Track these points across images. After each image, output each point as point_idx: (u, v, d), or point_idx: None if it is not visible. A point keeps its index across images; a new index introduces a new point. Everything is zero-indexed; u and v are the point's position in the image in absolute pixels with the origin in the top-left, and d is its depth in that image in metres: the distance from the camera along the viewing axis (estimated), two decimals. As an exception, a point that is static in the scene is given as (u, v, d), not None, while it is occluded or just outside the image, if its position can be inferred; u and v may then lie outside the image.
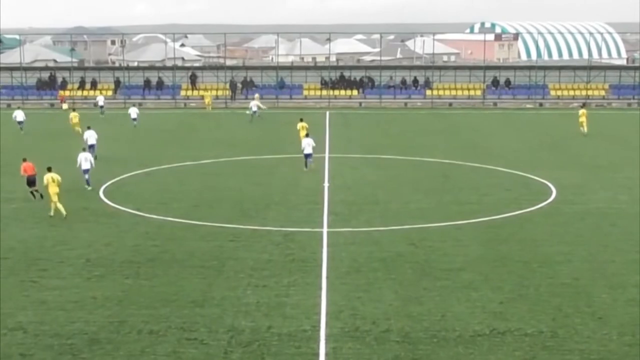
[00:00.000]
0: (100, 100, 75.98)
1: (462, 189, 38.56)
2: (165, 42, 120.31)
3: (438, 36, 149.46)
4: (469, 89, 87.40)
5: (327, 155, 48.61)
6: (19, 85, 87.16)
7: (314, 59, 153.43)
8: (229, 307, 21.86)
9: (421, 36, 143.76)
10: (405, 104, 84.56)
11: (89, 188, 37.96)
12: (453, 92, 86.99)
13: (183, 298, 22.56)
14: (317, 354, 18.81)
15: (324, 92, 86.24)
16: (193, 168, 44.68)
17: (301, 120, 52.30)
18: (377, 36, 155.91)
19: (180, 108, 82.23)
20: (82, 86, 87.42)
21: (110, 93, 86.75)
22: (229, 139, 56.17)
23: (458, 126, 65.49)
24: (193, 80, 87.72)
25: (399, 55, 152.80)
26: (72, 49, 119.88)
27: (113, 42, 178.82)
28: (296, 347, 19.19)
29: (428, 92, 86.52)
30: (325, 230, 30.38)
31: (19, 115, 61.21)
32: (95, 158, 43.85)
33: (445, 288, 23.46)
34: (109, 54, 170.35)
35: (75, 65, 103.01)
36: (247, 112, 69.67)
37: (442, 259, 26.47)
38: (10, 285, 23.73)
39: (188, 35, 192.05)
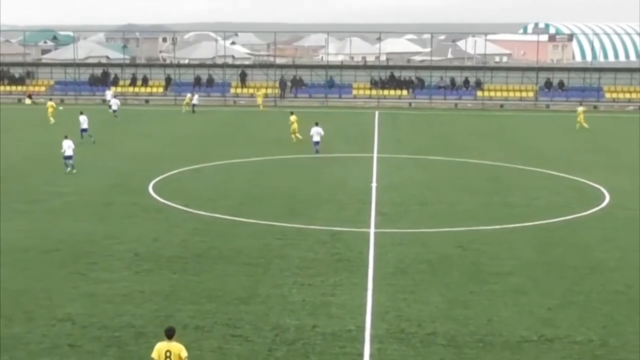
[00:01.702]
0: (109, 95, 76.41)
1: (512, 191, 38.11)
2: (216, 40, 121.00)
3: (490, 36, 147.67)
4: (521, 91, 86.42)
5: (375, 155, 48.51)
6: (72, 81, 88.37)
7: (363, 58, 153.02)
8: (275, 305, 21.85)
9: (473, 36, 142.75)
10: (456, 104, 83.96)
11: (74, 171, 40.78)
12: (504, 94, 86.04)
13: (229, 294, 22.61)
14: (361, 355, 18.72)
15: (374, 92, 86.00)
16: (242, 165, 44.83)
17: (292, 113, 55.49)
18: (428, 36, 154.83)
19: (229, 105, 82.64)
20: (133, 83, 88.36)
21: (161, 90, 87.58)
22: (277, 137, 56.15)
23: (509, 128, 64.82)
24: (243, 78, 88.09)
25: (449, 56, 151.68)
26: (125, 46, 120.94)
27: (164, 40, 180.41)
28: (341, 347, 19.11)
29: (479, 93, 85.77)
30: (372, 230, 30.23)
31: None
32: (94, 142, 51.17)
33: (493, 292, 23.19)
34: (160, 51, 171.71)
35: (127, 62, 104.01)
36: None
37: (490, 263, 26.17)
38: (60, 278, 24.02)
39: (238, 34, 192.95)
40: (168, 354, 15.44)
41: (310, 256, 26.63)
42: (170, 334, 15.71)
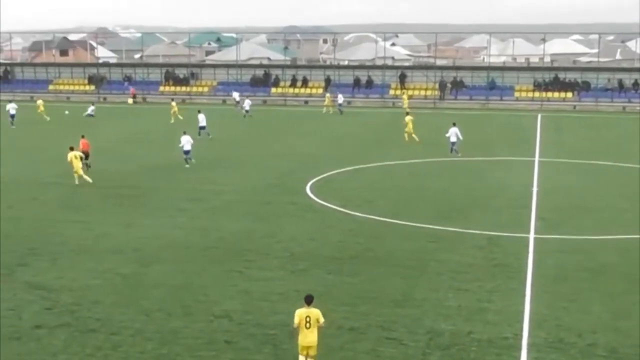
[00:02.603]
0: (237, 96, 76.93)
1: (683, 199, 36.11)
2: (376, 41, 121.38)
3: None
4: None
5: (537, 159, 47.24)
6: (235, 81, 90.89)
7: (527, 59, 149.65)
8: (430, 308, 21.57)
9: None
10: (624, 107, 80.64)
11: (191, 163, 43.69)
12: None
13: (384, 297, 22.50)
14: (518, 364, 18.19)
15: (537, 94, 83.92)
16: (400, 167, 44.69)
17: (407, 114, 58.08)
18: (595, 36, 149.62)
19: (388, 107, 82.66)
20: (293, 84, 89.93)
21: (320, 91, 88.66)
22: (435, 139, 55.56)
23: (680, 132, 61.54)
24: (402, 79, 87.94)
25: (618, 57, 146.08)
26: (286, 47, 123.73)
27: (325, 41, 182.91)
28: (496, 354, 18.63)
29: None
30: (532, 235, 29.37)
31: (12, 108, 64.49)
32: (211, 139, 54.51)
33: (660, 304, 22.01)
34: (321, 53, 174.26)
35: (288, 63, 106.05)
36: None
37: (658, 273, 24.86)
38: (218, 274, 24.62)
39: (399, 35, 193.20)
40: (308, 319, 16.84)
41: (467, 261, 26.15)
42: (309, 300, 17.03)
